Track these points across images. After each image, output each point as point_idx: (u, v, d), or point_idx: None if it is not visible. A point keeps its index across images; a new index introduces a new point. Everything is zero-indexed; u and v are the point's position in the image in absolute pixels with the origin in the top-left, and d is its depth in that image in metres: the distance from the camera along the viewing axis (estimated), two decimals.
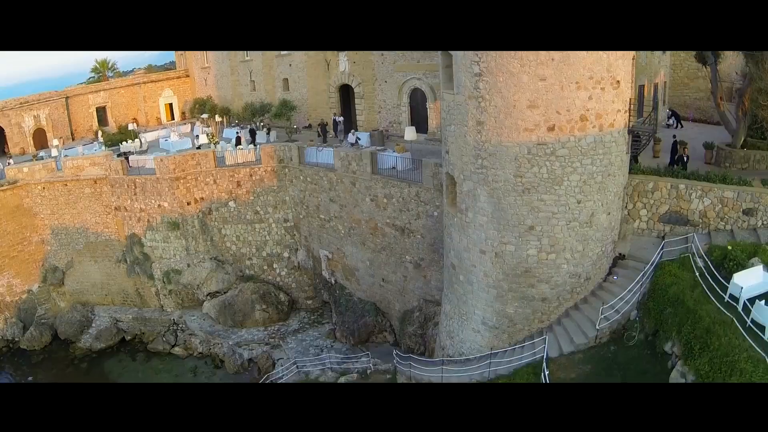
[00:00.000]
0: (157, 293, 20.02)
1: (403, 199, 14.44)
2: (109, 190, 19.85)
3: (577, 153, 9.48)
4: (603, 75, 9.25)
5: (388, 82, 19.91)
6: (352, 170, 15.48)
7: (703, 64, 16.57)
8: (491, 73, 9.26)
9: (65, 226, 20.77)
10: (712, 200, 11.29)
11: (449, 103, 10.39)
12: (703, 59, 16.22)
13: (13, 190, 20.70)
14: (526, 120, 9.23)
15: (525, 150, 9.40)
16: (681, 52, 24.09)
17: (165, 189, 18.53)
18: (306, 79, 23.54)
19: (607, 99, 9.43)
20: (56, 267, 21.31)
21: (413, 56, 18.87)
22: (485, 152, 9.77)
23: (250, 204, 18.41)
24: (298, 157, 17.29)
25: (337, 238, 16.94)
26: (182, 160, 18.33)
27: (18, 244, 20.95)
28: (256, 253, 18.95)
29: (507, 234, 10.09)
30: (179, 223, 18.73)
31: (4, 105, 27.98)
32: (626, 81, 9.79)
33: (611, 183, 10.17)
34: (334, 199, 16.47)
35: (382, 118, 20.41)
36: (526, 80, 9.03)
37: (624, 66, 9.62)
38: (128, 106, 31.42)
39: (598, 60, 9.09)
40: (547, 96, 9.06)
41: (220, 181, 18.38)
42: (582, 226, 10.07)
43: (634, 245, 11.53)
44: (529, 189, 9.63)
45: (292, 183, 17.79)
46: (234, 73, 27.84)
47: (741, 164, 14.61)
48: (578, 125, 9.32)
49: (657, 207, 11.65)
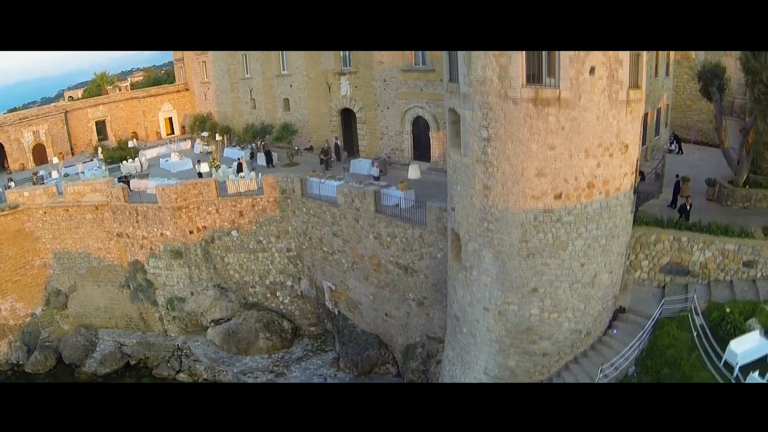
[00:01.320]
0: (161, 318, 20.15)
1: (406, 240, 14.49)
2: (110, 216, 19.81)
3: (583, 219, 9.54)
4: (612, 141, 9.26)
5: (390, 109, 19.79)
6: (355, 207, 15.49)
7: (708, 99, 16.52)
8: (500, 140, 9.25)
9: (67, 250, 20.77)
10: (713, 252, 11.40)
11: (456, 162, 10.39)
12: (708, 95, 16.17)
13: (15, 215, 20.63)
14: (534, 188, 9.26)
15: (531, 217, 9.45)
16: (684, 74, 24.00)
17: (167, 218, 18.51)
18: (307, 101, 23.35)
19: (615, 164, 9.46)
20: (59, 290, 21.38)
21: (416, 84, 18.75)
22: (491, 216, 9.81)
23: (253, 233, 18.44)
24: (301, 189, 17.26)
25: (340, 271, 17.03)
26: (184, 189, 18.28)
27: (20, 268, 20.97)
28: (259, 281, 19.05)
29: (510, 295, 10.19)
30: (182, 251, 18.77)
31: (3, 121, 27.77)
32: (635, 144, 9.81)
33: (615, 244, 10.26)
34: (337, 234, 16.51)
35: (384, 144, 20.33)
36: (535, 149, 9.04)
37: (633, 129, 9.62)
38: (127, 120, 31.16)
39: (608, 127, 9.10)
40: (556, 165, 9.08)
41: (222, 210, 18.37)
42: (584, 287, 10.18)
43: (634, 297, 11.67)
44: (533, 254, 9.71)
45: (295, 214, 17.79)
46: (234, 90, 27.57)
47: (743, 203, 14.69)
48: (585, 192, 9.36)
49: (659, 258, 11.76)
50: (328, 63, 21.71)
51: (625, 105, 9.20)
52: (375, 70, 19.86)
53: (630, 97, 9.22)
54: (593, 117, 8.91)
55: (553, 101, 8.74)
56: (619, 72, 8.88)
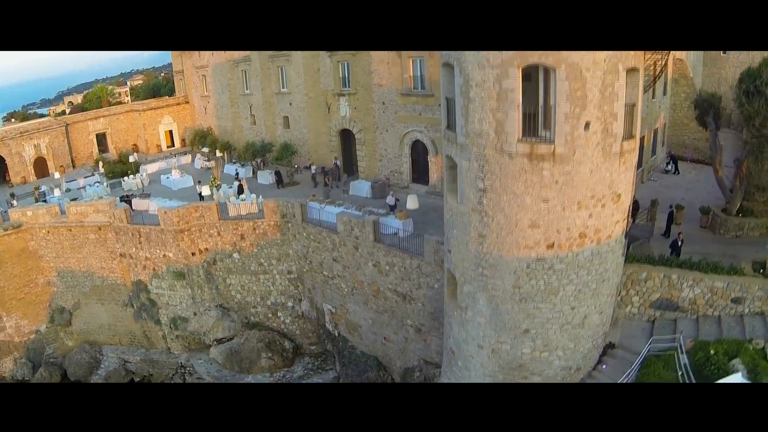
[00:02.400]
0: (164, 337, 20.53)
1: (404, 269, 14.82)
2: (113, 236, 20.09)
3: (574, 266, 9.87)
4: (605, 192, 9.56)
5: (389, 131, 20.01)
6: (354, 235, 15.79)
7: (704, 127, 16.79)
8: (495, 191, 9.55)
9: (71, 269, 21.08)
10: (702, 289, 11.77)
11: (453, 208, 10.69)
12: (704, 123, 16.43)
13: (18, 234, 20.91)
14: (527, 238, 9.58)
15: (524, 265, 9.78)
16: (681, 93, 24.21)
17: (170, 240, 18.81)
18: (306, 119, 23.53)
19: (607, 214, 9.77)
20: (63, 308, 21.72)
21: (415, 108, 18.96)
22: (486, 263, 10.14)
23: (254, 256, 18.75)
24: (301, 215, 17.54)
25: (340, 295, 17.38)
26: (186, 212, 18.56)
27: (24, 286, 21.30)
28: (260, 301, 19.40)
29: (503, 335, 10.57)
30: (185, 273, 19.09)
31: (4, 134, 27.91)
32: (627, 192, 10.11)
33: (605, 287, 10.61)
34: (337, 259, 16.83)
35: (383, 166, 20.57)
36: (529, 201, 9.34)
37: (626, 178, 9.91)
38: (128, 132, 31.29)
39: (601, 179, 9.39)
40: (549, 216, 9.38)
41: (224, 233, 18.66)
42: (574, 328, 10.55)
43: (624, 332, 12.06)
44: (526, 298, 10.05)
45: (295, 238, 18.09)
46: (234, 105, 27.69)
47: (735, 231, 15.07)
48: (577, 242, 9.68)
49: (649, 294, 12.13)
50: (328, 83, 21.88)
51: (619, 156, 9.49)
52: (374, 93, 20.05)
53: (624, 149, 9.51)
54: (587, 171, 9.20)
55: (548, 156, 9.03)
56: (614, 125, 9.16)
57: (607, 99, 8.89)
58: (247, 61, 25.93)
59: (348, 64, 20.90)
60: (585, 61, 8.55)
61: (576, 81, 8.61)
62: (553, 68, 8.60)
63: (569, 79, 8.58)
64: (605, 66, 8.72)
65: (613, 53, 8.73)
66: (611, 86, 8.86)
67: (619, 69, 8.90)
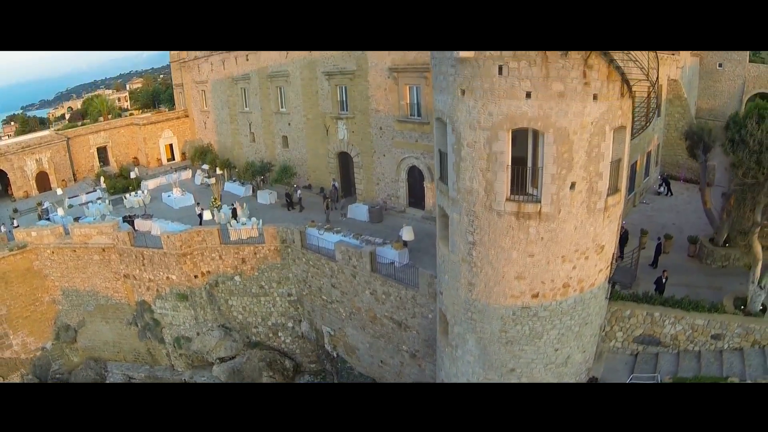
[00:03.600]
0: (168, 355, 21.13)
1: (400, 299, 15.37)
2: (117, 258, 20.57)
3: (558, 313, 10.43)
4: (588, 245, 10.07)
5: (386, 156, 20.42)
6: (352, 264, 16.31)
7: (694, 159, 17.14)
8: (484, 245, 10.05)
9: (75, 288, 21.59)
10: (683, 326, 12.35)
11: (444, 255, 11.20)
12: (694, 155, 16.78)
13: (23, 254, 21.37)
14: (513, 288, 10.11)
15: (510, 312, 10.33)
16: (675, 113, 24.55)
17: (173, 263, 19.30)
18: (305, 140, 23.88)
19: (590, 265, 10.29)
20: (68, 325, 22.28)
21: (411, 135, 19.35)
22: (474, 308, 10.69)
23: (255, 279, 19.28)
24: (300, 241, 18.03)
25: (338, 318, 17.95)
26: (188, 237, 19.02)
27: (30, 305, 21.82)
28: (261, 322, 19.97)
29: (491, 372, 11.17)
30: (187, 294, 19.62)
31: (6, 149, 28.22)
32: (611, 242, 10.61)
33: (588, 329, 11.18)
34: (335, 285, 17.36)
35: (381, 190, 21.01)
36: (516, 256, 9.85)
37: (610, 230, 10.41)
38: (128, 146, 31.60)
39: (585, 234, 9.89)
40: (534, 269, 9.90)
41: (225, 256, 19.16)
42: (558, 367, 11.15)
43: (607, 366, 12.66)
44: (512, 341, 10.62)
45: (295, 262, 18.60)
46: (234, 122, 27.98)
47: (721, 262, 15.63)
48: (560, 291, 10.22)
49: (632, 330, 12.72)
50: (326, 106, 22.21)
51: (603, 211, 9.98)
52: (371, 118, 20.41)
53: (608, 204, 9.99)
54: (571, 227, 9.70)
55: (534, 215, 9.51)
56: (599, 184, 9.62)
57: (593, 160, 9.35)
58: (246, 79, 26.19)
59: (346, 88, 21.23)
60: (573, 124, 8.99)
61: (563, 144, 9.06)
62: (541, 132, 9.04)
63: (557, 143, 9.03)
64: (592, 128, 9.16)
65: (600, 115, 9.15)
66: (597, 147, 9.32)
67: (606, 130, 9.34)
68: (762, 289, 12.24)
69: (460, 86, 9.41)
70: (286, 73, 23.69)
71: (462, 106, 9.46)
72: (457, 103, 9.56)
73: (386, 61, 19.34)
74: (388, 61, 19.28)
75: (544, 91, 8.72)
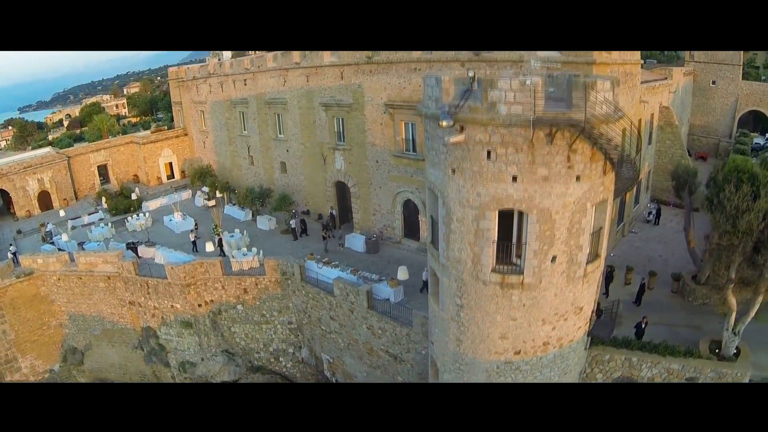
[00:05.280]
0: (174, 378, 21.99)
1: (395, 335, 16.21)
2: (122, 286, 21.24)
3: (539, 367, 11.26)
4: (567, 308, 10.85)
5: (382, 189, 21.01)
6: (350, 300, 17.08)
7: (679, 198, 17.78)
8: (471, 308, 10.82)
9: (82, 313, 22.29)
10: (659, 370, 13.23)
11: (435, 311, 11.98)
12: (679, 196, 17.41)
13: (30, 281, 21.99)
14: (497, 347, 10.92)
15: (494, 366, 11.17)
16: (666, 140, 25.11)
17: (177, 292, 20.01)
18: (303, 167, 24.38)
19: (569, 325, 11.09)
20: (75, 348, 23.05)
21: (407, 170, 19.94)
22: (462, 361, 11.52)
23: (257, 308, 20.04)
24: (300, 274, 18.75)
25: (336, 348, 18.80)
26: (192, 268, 19.70)
27: (38, 329, 22.53)
28: (263, 348, 20.81)
29: None
30: (192, 322, 20.39)
31: (8, 170, 28.54)
32: (589, 303, 11.38)
33: (567, 377, 12.04)
34: (333, 318, 18.16)
35: (377, 220, 21.66)
36: (500, 319, 10.63)
37: (589, 293, 11.17)
38: (128, 163, 31.96)
39: (564, 300, 10.65)
40: (516, 331, 10.70)
41: (228, 286, 19.88)
42: None
43: None
44: None
45: (295, 293, 19.35)
46: (232, 144, 28.37)
47: (702, 299, 16.46)
48: (541, 349, 11.04)
49: (611, 373, 13.60)
50: (323, 136, 22.68)
51: (582, 278, 10.72)
52: (368, 151, 20.95)
53: (587, 271, 10.72)
54: (551, 294, 10.45)
55: (517, 285, 10.26)
56: (579, 255, 10.33)
57: (574, 234, 10.05)
58: (244, 103, 26.53)
59: (343, 120, 21.70)
60: (556, 205, 9.64)
61: (546, 223, 9.74)
62: (526, 212, 9.70)
63: (540, 222, 9.71)
64: (574, 207, 9.81)
65: (583, 194, 9.74)
66: (578, 223, 10.00)
67: (587, 207, 9.99)
68: (736, 335, 13.09)
69: (450, 165, 10.03)
70: (284, 100, 24.07)
71: (452, 183, 10.11)
72: (447, 180, 10.20)
73: (382, 96, 19.82)
74: (383, 97, 19.76)
75: (529, 175, 9.36)
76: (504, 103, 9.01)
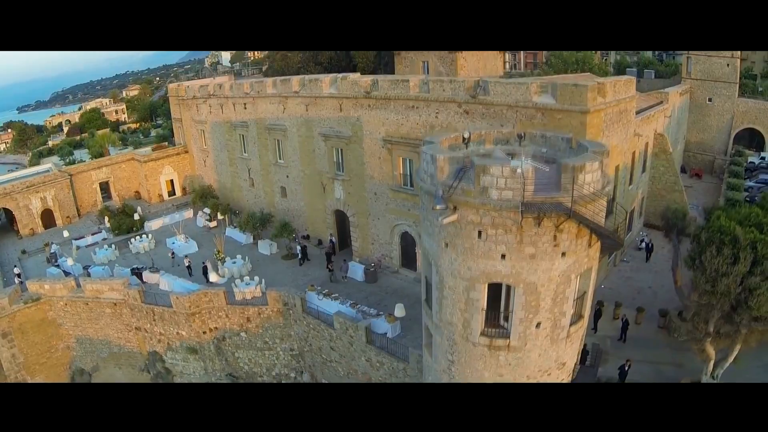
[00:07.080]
0: None
1: (393, 368, 17.08)
2: (128, 312, 21.97)
3: None
4: (551, 365, 11.65)
5: (380, 220, 21.63)
6: (349, 334, 17.90)
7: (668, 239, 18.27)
8: (461, 365, 11.61)
9: (89, 337, 23.06)
10: None
11: (428, 362, 12.80)
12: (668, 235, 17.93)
13: (38, 306, 22.70)
14: None
15: None
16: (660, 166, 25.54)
17: (182, 320, 20.77)
18: (303, 193, 24.89)
19: (552, 379, 11.91)
20: (83, 370, 23.89)
21: (404, 204, 20.54)
22: None
23: (260, 335, 20.86)
24: (301, 306, 19.51)
25: (337, 376, 19.69)
26: (196, 298, 20.42)
27: (46, 352, 23.31)
28: (266, 372, 21.70)
29: None
30: (197, 348, 21.21)
31: (12, 189, 28.88)
32: (572, 358, 12.19)
33: None
34: (333, 348, 19.00)
35: (376, 249, 22.34)
36: (488, 375, 11.44)
37: (572, 349, 11.96)
38: (130, 180, 32.32)
39: (548, 359, 11.43)
40: None
41: (231, 315, 20.65)
42: None
43: None
44: None
45: (297, 323, 20.14)
46: (233, 165, 28.76)
47: (687, 336, 17.14)
48: None
49: None
50: (323, 164, 23.15)
51: (566, 339, 11.50)
52: (367, 183, 21.49)
53: (570, 332, 11.49)
54: (536, 355, 11.24)
55: (504, 347, 11.03)
56: (562, 320, 11.06)
57: (558, 303, 10.77)
58: (244, 126, 26.85)
59: (342, 150, 22.16)
60: (541, 279, 10.31)
61: (531, 295, 10.45)
62: (513, 285, 10.41)
63: (526, 294, 10.42)
64: (559, 279, 10.50)
65: (567, 267, 10.39)
66: (563, 293, 10.71)
67: (572, 278, 10.66)
68: (714, 379, 13.93)
69: (444, 239, 10.69)
70: (283, 127, 24.44)
71: (445, 255, 10.78)
72: (441, 252, 10.87)
73: (380, 131, 20.27)
74: (382, 132, 20.22)
75: (517, 254, 10.02)
76: (495, 188, 9.60)
